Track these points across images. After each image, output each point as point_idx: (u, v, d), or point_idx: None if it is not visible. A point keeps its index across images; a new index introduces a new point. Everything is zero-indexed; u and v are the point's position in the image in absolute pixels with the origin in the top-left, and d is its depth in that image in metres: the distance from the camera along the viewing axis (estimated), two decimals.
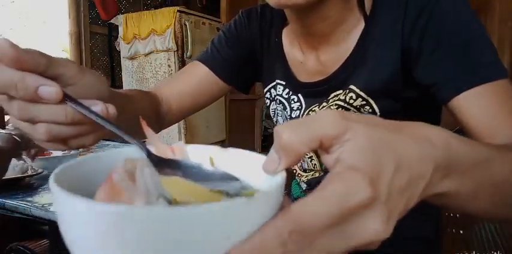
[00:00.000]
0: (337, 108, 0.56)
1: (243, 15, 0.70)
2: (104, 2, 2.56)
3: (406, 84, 0.52)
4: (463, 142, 0.27)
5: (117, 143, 1.39)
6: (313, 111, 0.61)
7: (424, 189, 0.23)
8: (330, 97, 0.58)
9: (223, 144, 2.99)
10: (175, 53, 2.38)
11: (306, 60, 0.62)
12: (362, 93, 0.54)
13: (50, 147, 0.35)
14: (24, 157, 0.87)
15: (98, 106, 0.31)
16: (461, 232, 2.26)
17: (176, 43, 2.36)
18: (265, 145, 3.84)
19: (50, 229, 1.63)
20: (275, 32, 0.67)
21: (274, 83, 0.67)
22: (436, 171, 0.24)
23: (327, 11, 0.53)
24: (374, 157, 0.21)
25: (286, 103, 0.65)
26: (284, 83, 0.65)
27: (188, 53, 2.42)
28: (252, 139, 3.66)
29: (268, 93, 0.70)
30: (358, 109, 0.55)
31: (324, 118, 0.22)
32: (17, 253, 0.86)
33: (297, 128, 0.22)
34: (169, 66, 2.41)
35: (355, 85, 0.55)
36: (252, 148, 3.44)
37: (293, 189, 0.76)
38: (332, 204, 0.18)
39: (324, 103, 0.59)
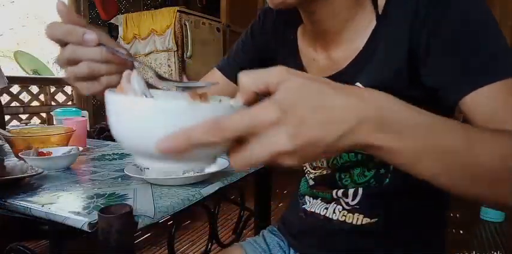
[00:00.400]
0: None
1: (260, 15, 0.72)
2: (104, 2, 2.56)
3: (411, 83, 0.52)
4: (403, 106, 0.31)
5: (116, 143, 1.39)
6: None
7: (346, 134, 0.29)
8: None
9: None
10: (175, 53, 2.38)
11: (318, 57, 0.63)
12: (359, 85, 0.55)
13: (85, 86, 0.49)
14: (24, 157, 0.87)
15: (123, 50, 0.48)
16: (461, 232, 2.27)
17: (176, 43, 2.36)
18: None
19: (50, 229, 1.63)
20: (290, 30, 0.68)
21: None
22: (362, 123, 0.29)
23: (333, 8, 0.54)
24: (295, 96, 0.28)
25: None
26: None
27: (188, 53, 2.42)
28: None
29: None
30: None
31: (273, 70, 0.29)
32: (17, 253, 0.86)
33: (252, 74, 0.30)
34: (169, 66, 2.41)
35: (361, 83, 0.56)
36: None
37: (301, 185, 0.78)
38: (245, 117, 0.27)
39: None
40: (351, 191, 0.64)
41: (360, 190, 0.63)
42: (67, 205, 0.66)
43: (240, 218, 1.05)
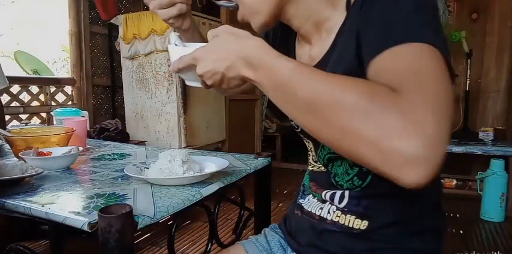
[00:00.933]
0: None
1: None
2: (104, 2, 2.56)
3: (362, 70, 0.51)
4: (269, 53, 0.46)
5: (117, 143, 1.39)
6: None
7: (229, 66, 0.48)
8: None
9: (223, 143, 2.99)
10: None
11: (303, 55, 0.69)
12: None
13: (164, 12, 0.69)
14: (24, 157, 0.87)
15: None
16: (461, 232, 2.27)
17: None
18: (265, 145, 3.84)
19: (50, 229, 1.63)
20: (290, 35, 0.73)
21: None
22: (237, 61, 0.47)
23: (304, 14, 0.61)
24: (212, 42, 0.51)
25: None
26: None
27: None
28: (252, 139, 3.66)
29: None
30: None
31: (219, 27, 0.52)
32: (17, 253, 0.86)
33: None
34: (169, 66, 2.41)
35: None
36: (252, 148, 3.43)
37: (305, 178, 0.79)
38: (184, 59, 0.53)
39: None
40: (338, 194, 0.65)
41: (346, 193, 0.64)
42: (67, 205, 0.66)
43: (240, 218, 1.05)
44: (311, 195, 0.74)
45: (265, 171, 1.04)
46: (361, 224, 0.63)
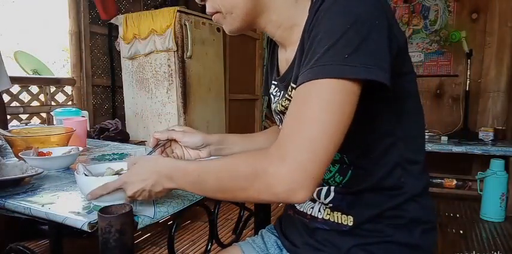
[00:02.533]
0: (289, 102, 0.66)
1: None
2: (104, 2, 2.56)
3: None
4: (173, 164, 0.61)
5: (117, 143, 1.39)
6: (279, 103, 0.70)
7: (154, 184, 0.60)
8: (288, 90, 0.66)
9: None
10: (175, 53, 2.37)
11: (282, 60, 0.72)
12: (293, 85, 0.63)
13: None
14: (24, 157, 0.87)
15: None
16: (461, 232, 2.27)
17: (176, 43, 2.36)
18: None
19: (50, 229, 1.63)
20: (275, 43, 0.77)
21: (272, 83, 0.76)
22: (162, 177, 0.59)
23: (274, 21, 0.65)
24: (132, 170, 0.63)
25: (273, 99, 0.77)
26: (276, 83, 0.74)
27: (188, 53, 2.42)
28: None
29: (271, 93, 0.78)
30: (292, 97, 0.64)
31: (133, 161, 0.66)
32: (17, 253, 0.86)
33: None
34: (169, 66, 2.41)
35: (292, 82, 0.64)
36: None
37: None
38: (110, 185, 0.61)
39: (286, 96, 0.68)
40: (324, 190, 0.66)
41: (332, 189, 0.65)
42: (67, 205, 0.66)
43: (240, 218, 1.04)
44: None
45: None
46: (348, 220, 0.64)
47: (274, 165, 0.48)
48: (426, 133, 2.95)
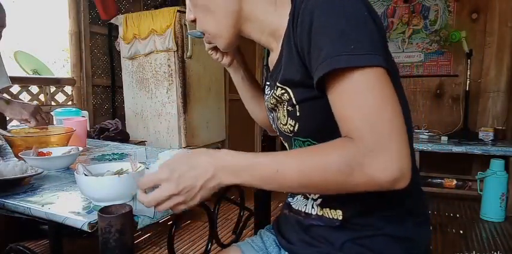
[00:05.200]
0: (275, 100, 0.68)
1: None
2: (104, 2, 2.56)
3: (307, 75, 0.57)
4: (236, 156, 0.54)
5: (117, 143, 1.39)
6: (268, 101, 0.73)
7: (209, 178, 0.53)
8: (274, 89, 0.68)
9: (223, 143, 2.99)
10: (175, 53, 2.38)
11: (270, 62, 0.75)
12: (279, 84, 0.65)
13: (213, 54, 0.84)
14: (24, 157, 0.87)
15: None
16: (461, 232, 2.27)
17: (176, 43, 2.36)
18: (265, 145, 3.84)
19: (50, 229, 1.63)
20: None
21: (266, 82, 0.79)
22: (221, 171, 0.53)
23: (257, 29, 0.69)
24: (174, 165, 0.54)
25: (265, 97, 0.79)
26: (268, 82, 0.76)
27: (188, 53, 2.42)
28: (252, 139, 3.66)
29: (265, 92, 0.80)
30: (280, 97, 0.66)
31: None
32: (17, 253, 0.86)
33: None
34: (169, 66, 2.41)
35: (279, 82, 0.65)
36: (251, 148, 3.43)
37: None
38: (151, 177, 0.55)
39: (273, 95, 0.69)
40: None
41: None
42: (67, 205, 0.66)
43: (240, 218, 1.05)
44: (299, 195, 0.75)
45: None
46: (337, 214, 0.65)
47: (370, 157, 0.48)
48: (426, 133, 2.95)
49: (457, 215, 2.56)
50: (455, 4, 3.07)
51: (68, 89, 2.67)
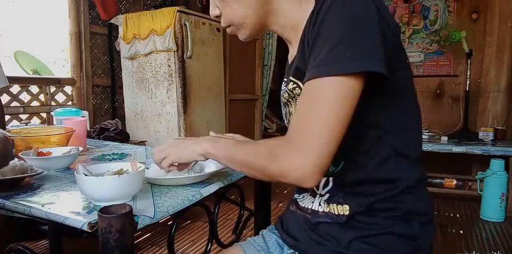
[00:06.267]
0: (287, 95, 0.72)
1: None
2: (104, 2, 2.56)
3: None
4: (220, 138, 0.74)
5: (117, 143, 1.39)
6: (282, 96, 0.76)
7: (195, 142, 0.71)
8: (288, 84, 0.71)
9: None
10: (175, 53, 2.38)
11: (290, 56, 0.78)
12: (291, 78, 0.68)
13: None
14: (24, 157, 0.87)
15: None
16: (461, 232, 2.27)
17: (176, 43, 2.36)
18: None
19: (50, 229, 1.63)
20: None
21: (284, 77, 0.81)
22: (205, 140, 0.70)
23: (280, 23, 0.72)
24: (167, 143, 0.75)
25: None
26: (285, 78, 0.77)
27: (188, 53, 2.42)
28: (252, 139, 3.66)
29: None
30: (291, 91, 0.69)
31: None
32: (16, 253, 0.86)
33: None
34: (169, 66, 2.41)
35: (291, 76, 0.68)
36: None
37: None
38: (158, 150, 0.75)
39: (285, 89, 0.73)
40: (322, 180, 0.69)
41: (331, 179, 0.67)
42: (67, 205, 0.66)
43: (240, 218, 1.05)
44: (304, 191, 0.76)
45: None
46: (344, 210, 0.65)
47: (288, 154, 0.55)
48: (426, 133, 2.95)
49: (457, 215, 2.56)
50: (455, 4, 3.07)
51: (68, 89, 2.67)
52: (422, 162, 0.68)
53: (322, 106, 0.54)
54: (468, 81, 2.81)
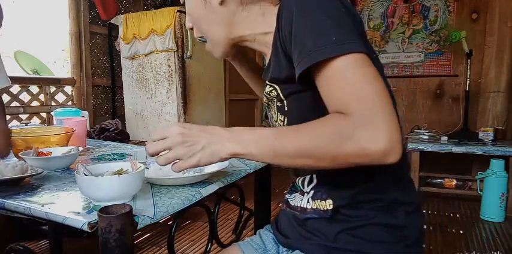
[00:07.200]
0: (266, 98, 0.73)
1: None
2: (104, 2, 2.56)
3: (292, 71, 0.59)
4: (241, 130, 0.60)
5: (117, 143, 1.39)
6: (263, 100, 0.76)
7: (214, 142, 0.59)
8: (265, 88, 0.72)
9: None
10: (175, 53, 2.38)
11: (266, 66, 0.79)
12: (268, 83, 0.69)
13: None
14: (24, 157, 0.87)
15: None
16: (461, 232, 2.27)
17: (176, 43, 2.36)
18: None
19: (50, 229, 1.63)
20: None
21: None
22: (225, 140, 0.59)
23: (245, 38, 0.73)
24: (189, 125, 0.60)
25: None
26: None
27: (188, 53, 2.42)
28: None
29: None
30: (269, 94, 0.70)
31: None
32: (16, 253, 0.86)
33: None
34: (169, 66, 2.42)
35: (268, 81, 0.70)
36: None
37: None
38: (162, 130, 0.60)
39: (264, 93, 0.73)
40: (307, 178, 0.70)
41: (314, 176, 0.68)
42: (67, 205, 0.66)
43: (240, 218, 1.05)
44: (294, 191, 0.77)
45: (265, 171, 1.04)
46: (327, 204, 0.66)
47: (360, 129, 0.50)
48: (426, 133, 2.95)
49: (457, 215, 2.56)
50: (455, 4, 3.07)
51: (68, 89, 2.67)
52: (405, 151, 0.68)
53: (359, 77, 0.52)
54: (468, 81, 2.81)
